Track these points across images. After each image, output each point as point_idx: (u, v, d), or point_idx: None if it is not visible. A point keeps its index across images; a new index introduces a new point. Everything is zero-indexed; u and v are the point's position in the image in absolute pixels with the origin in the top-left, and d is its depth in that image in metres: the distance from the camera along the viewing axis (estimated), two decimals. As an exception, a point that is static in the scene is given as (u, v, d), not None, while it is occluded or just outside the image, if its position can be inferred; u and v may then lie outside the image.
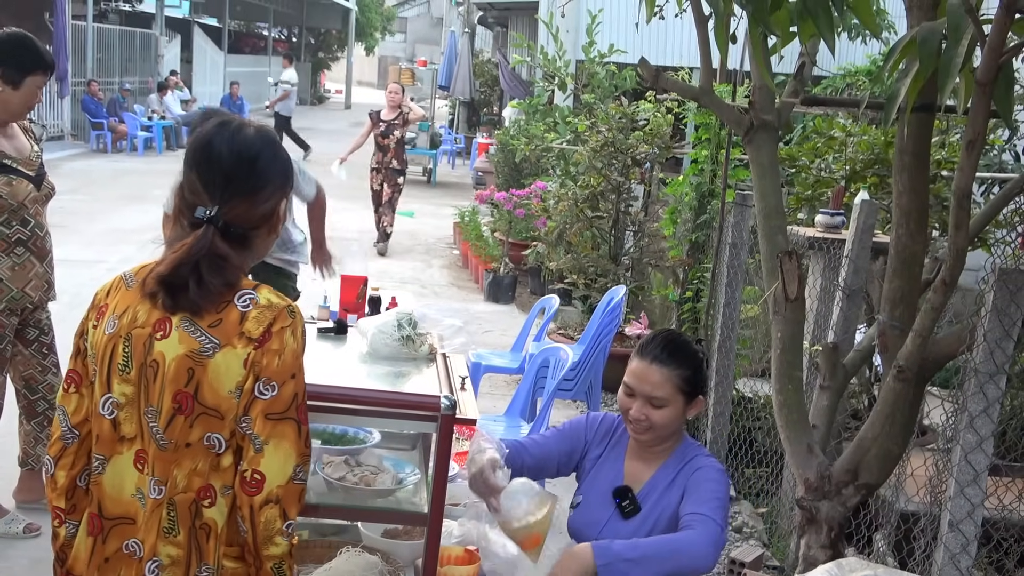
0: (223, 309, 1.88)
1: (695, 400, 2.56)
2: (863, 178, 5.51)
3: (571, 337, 6.87)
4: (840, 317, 4.15)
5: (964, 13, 2.26)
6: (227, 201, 1.91)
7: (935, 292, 2.72)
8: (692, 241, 6.33)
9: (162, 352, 1.87)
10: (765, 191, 3.35)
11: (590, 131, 7.79)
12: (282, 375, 1.87)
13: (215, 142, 1.94)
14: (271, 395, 1.86)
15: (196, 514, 1.91)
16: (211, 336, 1.86)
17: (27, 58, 3.83)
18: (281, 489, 1.86)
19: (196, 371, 1.85)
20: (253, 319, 1.87)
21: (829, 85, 9.46)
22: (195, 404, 1.86)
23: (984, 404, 2.98)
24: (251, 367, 1.86)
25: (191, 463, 1.89)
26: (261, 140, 1.98)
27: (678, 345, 2.58)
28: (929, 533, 3.28)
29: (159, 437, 1.89)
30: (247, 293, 1.90)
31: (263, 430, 1.86)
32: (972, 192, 4.56)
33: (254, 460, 1.86)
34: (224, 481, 1.91)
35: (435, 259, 11.29)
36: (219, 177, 1.91)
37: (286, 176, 2.00)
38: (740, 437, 5.28)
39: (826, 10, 2.37)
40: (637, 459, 2.62)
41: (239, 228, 1.92)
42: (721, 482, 2.52)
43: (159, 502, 1.90)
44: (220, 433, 1.88)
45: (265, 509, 1.86)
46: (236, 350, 1.86)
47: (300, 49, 38.36)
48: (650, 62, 3.36)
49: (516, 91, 16.40)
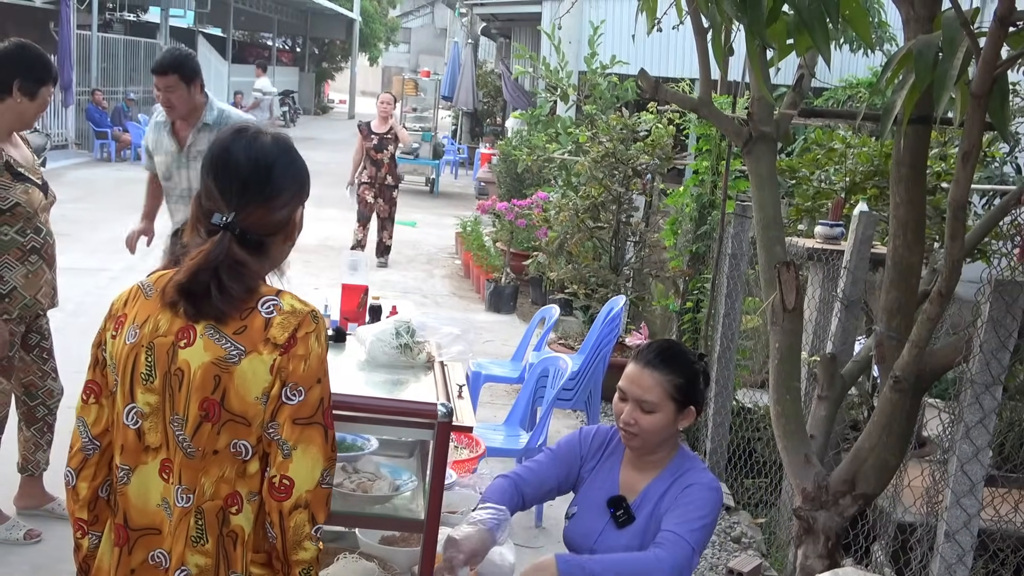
0: (247, 316, 1.88)
1: (687, 410, 2.54)
2: (863, 190, 5.53)
3: (571, 347, 6.88)
4: (838, 328, 4.16)
5: (959, 26, 2.28)
6: (243, 208, 1.91)
7: (931, 303, 2.74)
8: (693, 252, 6.35)
9: (187, 360, 1.87)
10: (764, 202, 3.37)
11: (591, 142, 7.82)
12: (308, 380, 1.88)
13: (232, 149, 1.94)
14: (298, 400, 1.87)
15: (224, 522, 1.91)
16: (236, 343, 1.86)
17: (42, 70, 3.90)
18: (310, 494, 1.87)
19: (223, 378, 1.86)
20: (278, 325, 1.88)
21: (831, 97, 9.49)
22: (222, 411, 1.86)
23: (980, 415, 2.99)
24: (277, 373, 1.86)
25: (218, 470, 1.89)
26: (278, 147, 1.98)
27: (674, 353, 2.58)
28: (926, 543, 3.29)
29: (186, 445, 1.88)
30: (271, 299, 1.90)
31: (291, 435, 1.86)
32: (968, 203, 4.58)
33: (283, 465, 1.86)
34: (250, 488, 1.91)
35: (437, 269, 11.31)
36: (236, 184, 1.92)
37: (302, 184, 2.01)
38: (740, 448, 5.29)
39: (822, 23, 2.39)
40: (632, 468, 2.61)
41: (255, 235, 1.92)
42: (709, 501, 2.49)
43: (187, 510, 1.90)
44: (247, 440, 1.88)
45: (295, 514, 1.86)
46: (262, 356, 1.86)
47: (304, 59, 38.46)
48: (651, 73, 3.38)
49: (519, 102, 16.44)
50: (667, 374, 2.51)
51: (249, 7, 30.12)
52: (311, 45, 39.11)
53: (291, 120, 30.67)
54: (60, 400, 4.29)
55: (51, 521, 4.25)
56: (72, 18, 17.28)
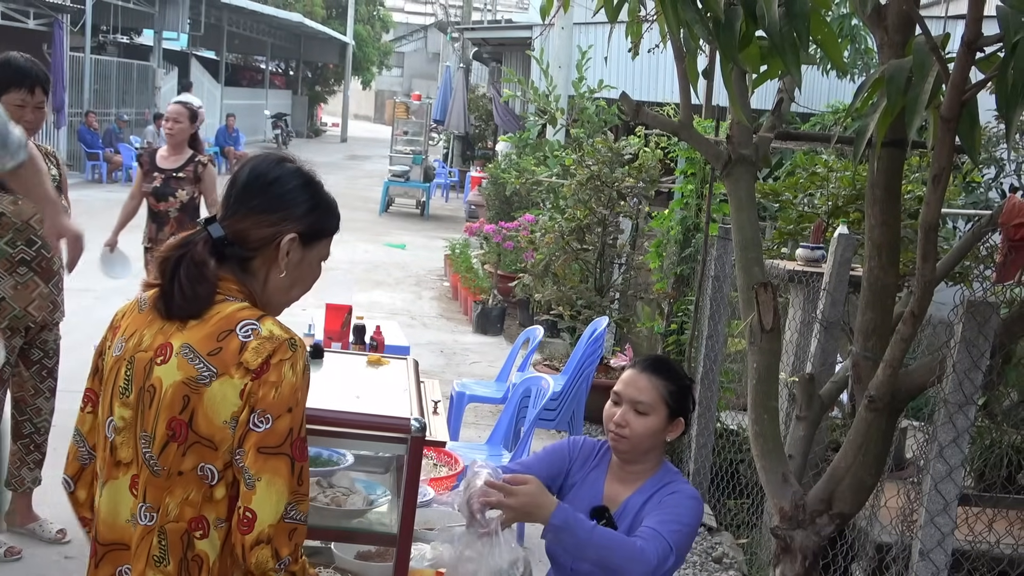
0: (224, 338, 1.83)
1: (676, 421, 2.58)
2: (845, 213, 5.58)
3: (556, 368, 6.90)
4: (818, 349, 4.19)
5: (929, 51, 2.33)
6: (233, 214, 1.91)
7: (904, 323, 2.77)
8: (677, 274, 6.39)
9: (160, 377, 1.85)
10: (742, 223, 3.40)
11: (577, 165, 7.87)
12: (278, 408, 1.81)
13: (246, 164, 1.96)
14: (265, 428, 1.80)
15: (188, 545, 1.86)
16: (209, 364, 1.82)
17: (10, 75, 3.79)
18: (272, 528, 1.80)
19: (192, 399, 1.82)
20: (253, 349, 1.82)
21: (818, 122, 9.57)
22: (189, 432, 1.83)
23: (954, 434, 3.02)
24: (247, 398, 1.81)
25: (183, 492, 1.85)
26: (291, 171, 1.96)
27: (669, 364, 2.68)
28: (902, 562, 3.31)
29: (152, 463, 1.86)
30: (250, 323, 1.85)
31: (254, 464, 1.80)
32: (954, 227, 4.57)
33: (246, 496, 1.81)
34: (218, 514, 1.86)
35: (425, 291, 11.33)
36: (235, 190, 1.93)
37: (303, 216, 1.94)
38: (723, 469, 5.31)
39: (793, 47, 2.43)
40: (616, 480, 2.64)
41: (237, 247, 1.90)
42: (691, 508, 2.52)
43: (150, 529, 1.86)
44: (213, 464, 1.84)
45: (256, 550, 1.80)
46: (233, 380, 1.81)
47: (297, 82, 38.59)
48: (636, 98, 3.43)
49: (509, 125, 16.52)
50: (663, 379, 2.57)
51: (243, 30, 30.26)
52: (304, 68, 39.25)
53: (284, 143, 30.75)
54: (50, 419, 4.28)
55: (34, 541, 4.24)
56: (65, 40, 17.35)
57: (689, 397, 2.64)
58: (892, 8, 2.82)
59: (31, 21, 16.93)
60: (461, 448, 4.47)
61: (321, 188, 1.99)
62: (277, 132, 30.79)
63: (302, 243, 1.94)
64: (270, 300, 1.97)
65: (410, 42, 51.83)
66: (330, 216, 2.00)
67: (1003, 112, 2.21)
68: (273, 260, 1.92)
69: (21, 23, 16.74)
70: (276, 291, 1.96)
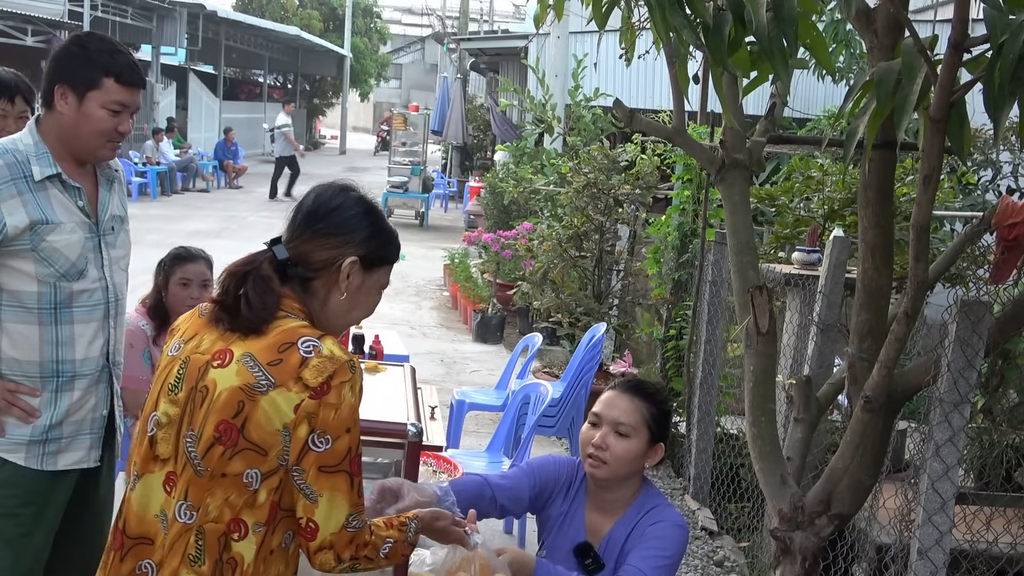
0: (285, 350, 1.90)
1: (656, 446, 2.54)
2: (841, 216, 5.61)
3: (556, 375, 6.92)
4: (815, 351, 4.21)
5: (917, 53, 2.35)
6: (299, 235, 1.99)
7: (898, 324, 2.79)
8: (675, 280, 6.42)
9: (214, 380, 1.91)
10: (737, 227, 3.42)
11: (574, 172, 7.90)
12: (337, 429, 1.90)
13: (312, 191, 2.05)
14: (325, 448, 1.89)
15: (225, 546, 1.91)
16: (268, 374, 1.88)
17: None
18: (334, 536, 1.91)
19: (247, 405, 1.88)
20: (313, 367, 1.89)
21: (814, 127, 9.60)
22: (240, 438, 1.88)
23: (949, 433, 3.03)
24: (306, 416, 1.88)
25: (224, 493, 1.90)
26: (354, 199, 2.05)
27: (651, 386, 2.64)
28: (900, 562, 3.32)
29: (196, 463, 1.91)
30: (311, 340, 1.91)
31: (316, 482, 1.89)
32: (934, 225, 4.57)
33: (308, 509, 1.91)
34: (257, 518, 1.92)
35: (425, 300, 11.36)
36: (301, 213, 2.02)
37: (365, 241, 2.02)
38: (724, 473, 5.32)
39: (781, 51, 2.45)
40: (596, 511, 2.58)
41: (300, 268, 1.98)
42: (673, 540, 2.47)
43: (188, 527, 1.91)
44: (259, 468, 1.90)
45: (319, 554, 1.93)
46: (290, 393, 1.87)
47: (295, 95, 38.67)
48: (633, 105, 3.46)
49: (506, 134, 16.56)
50: (646, 402, 2.54)
51: (240, 44, 30.33)
52: (302, 81, 39.32)
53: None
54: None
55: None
56: (63, 56, 17.38)
57: (669, 424, 2.61)
58: (881, 11, 2.85)
59: (29, 38, 17.00)
60: (461, 456, 4.49)
61: (382, 216, 2.09)
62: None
63: (362, 268, 2.02)
64: (329, 321, 2.04)
65: (407, 54, 51.97)
66: (390, 244, 2.09)
67: (991, 112, 2.23)
68: (334, 282, 2.00)
69: (19, 40, 16.81)
70: (336, 313, 2.04)
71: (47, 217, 2.63)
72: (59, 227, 2.65)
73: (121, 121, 2.69)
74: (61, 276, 2.66)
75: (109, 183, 2.84)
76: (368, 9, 40.64)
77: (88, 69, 2.65)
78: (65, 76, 2.66)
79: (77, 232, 2.69)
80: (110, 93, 2.66)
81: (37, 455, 2.69)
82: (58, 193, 2.67)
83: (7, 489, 2.68)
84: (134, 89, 2.72)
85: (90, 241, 2.73)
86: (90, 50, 2.67)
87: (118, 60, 2.68)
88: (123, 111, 2.70)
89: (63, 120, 2.68)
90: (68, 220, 2.68)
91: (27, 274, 2.63)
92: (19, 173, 2.61)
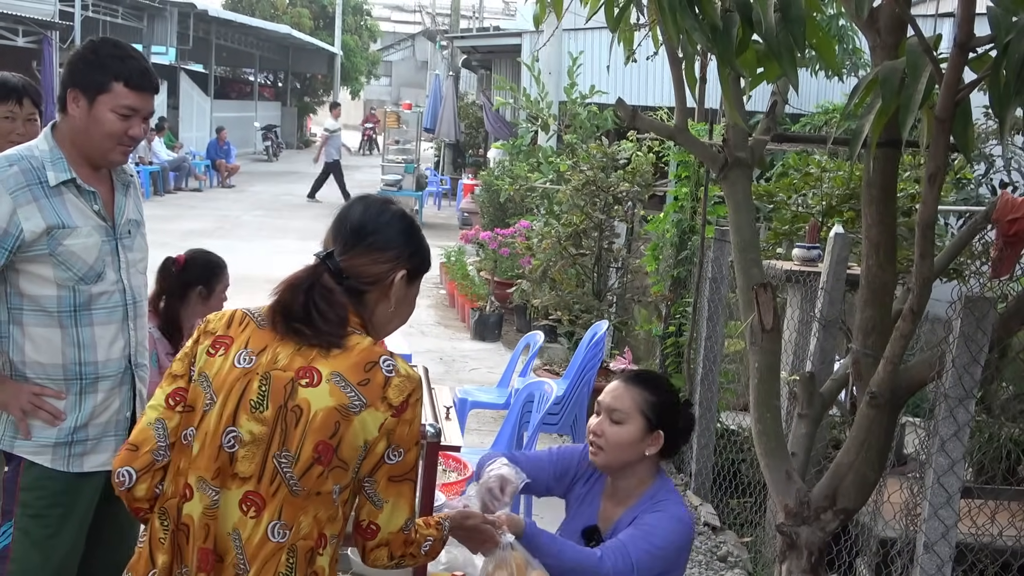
0: (371, 370, 1.95)
1: (655, 433, 2.55)
2: (839, 213, 5.64)
3: (556, 373, 6.94)
4: (817, 348, 4.24)
5: (922, 53, 2.38)
6: (349, 249, 2.02)
7: (904, 320, 2.82)
8: (674, 277, 6.44)
9: (307, 399, 1.92)
10: (740, 225, 3.45)
11: (572, 170, 7.92)
12: (409, 443, 1.99)
13: (355, 205, 2.09)
14: (397, 460, 1.98)
15: (310, 561, 1.96)
16: (360, 394, 1.93)
17: None
18: (391, 535, 2.01)
19: (342, 425, 1.92)
20: (396, 387, 1.96)
21: (808, 123, 9.64)
22: (334, 457, 1.93)
23: (955, 428, 3.06)
24: (385, 433, 1.95)
25: (314, 510, 1.95)
26: (400, 214, 2.10)
27: (651, 376, 2.69)
28: (906, 556, 3.36)
29: (292, 482, 1.93)
30: (389, 359, 1.98)
31: (385, 490, 1.99)
32: (946, 223, 4.62)
33: (372, 513, 2.00)
34: (334, 530, 1.99)
35: (422, 299, 11.34)
36: (348, 227, 2.04)
37: (412, 249, 2.09)
38: (725, 469, 5.36)
39: (789, 51, 2.48)
40: (610, 499, 2.63)
41: (354, 280, 2.01)
42: (669, 530, 2.47)
43: (281, 546, 1.93)
44: (342, 483, 1.96)
45: (374, 552, 2.03)
46: (377, 412, 1.94)
47: (286, 94, 38.59)
48: (629, 102, 3.47)
49: (500, 132, 16.57)
50: (642, 390, 2.57)
51: (231, 43, 30.28)
52: (293, 80, 39.26)
53: (274, 154, 30.76)
54: None
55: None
56: (55, 57, 17.35)
57: (675, 412, 2.61)
58: (884, 11, 2.87)
59: (20, 39, 16.94)
60: (465, 454, 4.50)
61: (420, 230, 2.16)
62: (267, 144, 30.80)
63: (408, 280, 2.09)
64: (376, 332, 2.09)
65: (397, 51, 51.92)
66: (428, 256, 2.16)
67: (996, 111, 2.26)
68: (384, 295, 2.06)
69: (10, 41, 16.75)
70: (381, 324, 2.10)
71: (63, 221, 2.65)
72: (75, 231, 2.68)
73: (132, 125, 2.72)
74: (79, 279, 2.68)
75: (125, 187, 2.87)
76: (358, 7, 40.58)
77: (98, 73, 2.68)
78: (77, 80, 2.70)
79: (94, 236, 2.72)
80: (119, 97, 2.69)
81: (63, 457, 2.72)
82: (73, 198, 2.70)
83: (35, 491, 2.71)
84: (145, 94, 2.74)
85: (107, 244, 2.75)
86: (101, 55, 2.70)
87: (129, 65, 2.71)
88: (133, 115, 2.72)
89: (75, 124, 2.71)
90: (84, 224, 2.70)
91: (46, 278, 2.65)
92: (35, 179, 2.64)
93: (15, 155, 2.68)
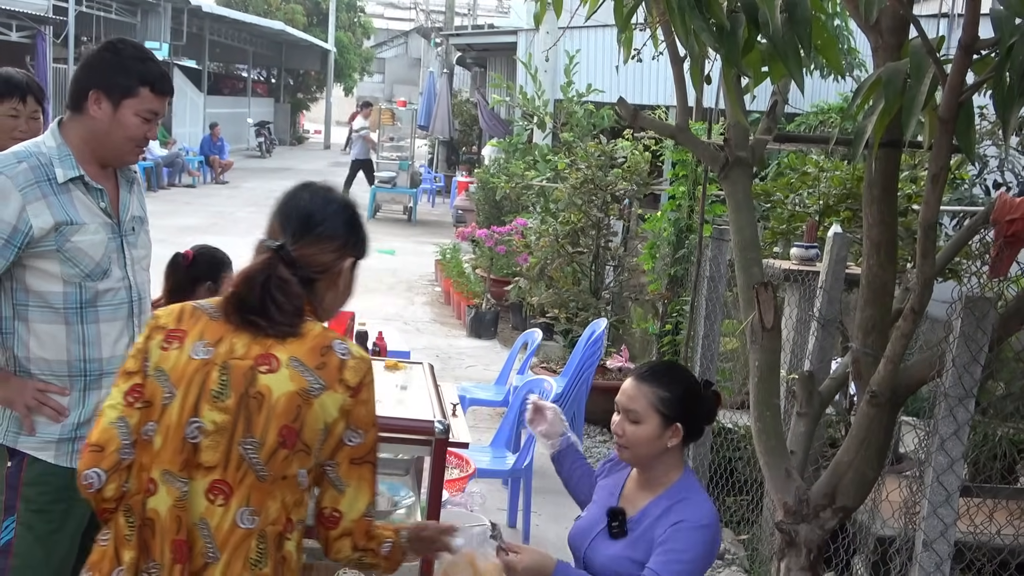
0: (326, 354, 1.99)
1: (673, 426, 2.57)
2: (836, 212, 5.66)
3: (554, 370, 6.96)
4: (816, 346, 4.26)
5: (926, 54, 2.40)
6: (300, 239, 2.03)
7: (904, 320, 2.84)
8: (671, 275, 6.46)
9: (268, 386, 1.95)
10: (741, 225, 3.46)
11: (570, 169, 7.93)
12: (367, 423, 2.03)
13: (300, 193, 2.10)
14: (357, 442, 2.02)
15: (279, 546, 1.99)
16: (318, 377, 1.97)
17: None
18: (354, 523, 2.04)
19: (303, 409, 1.95)
20: (351, 368, 2.00)
21: (803, 122, 9.66)
22: (297, 440, 1.95)
23: (954, 427, 3.09)
24: (344, 414, 1.99)
25: (281, 495, 1.98)
26: (344, 202, 2.13)
27: (666, 369, 2.68)
28: (904, 554, 3.38)
29: (259, 468, 1.95)
30: (341, 343, 2.03)
31: (347, 473, 2.02)
32: (938, 223, 4.66)
33: (335, 499, 2.03)
34: (300, 516, 2.03)
35: (417, 296, 11.37)
36: (296, 217, 2.06)
37: (356, 244, 2.12)
38: (721, 467, 5.37)
39: (795, 52, 2.49)
40: (636, 484, 2.67)
41: (304, 268, 2.03)
42: (696, 541, 2.49)
43: (250, 532, 1.95)
44: (306, 467, 1.99)
45: (338, 542, 2.05)
46: (336, 394, 1.98)
47: (279, 90, 38.53)
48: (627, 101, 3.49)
49: (495, 130, 16.58)
50: (654, 387, 2.58)
51: (224, 39, 30.21)
52: (286, 76, 39.20)
53: (267, 151, 30.70)
54: None
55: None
56: (48, 52, 17.31)
57: (691, 401, 2.62)
58: (887, 12, 2.89)
59: (13, 33, 16.89)
60: (465, 450, 4.52)
61: (361, 218, 2.18)
62: (260, 140, 30.74)
63: (352, 266, 2.13)
64: (323, 316, 2.12)
65: (391, 48, 51.85)
66: (368, 242, 2.19)
67: (1000, 113, 2.28)
68: (333, 282, 2.09)
69: (3, 35, 16.71)
70: (327, 309, 2.14)
71: (71, 218, 2.66)
72: (83, 228, 2.68)
73: (151, 128, 2.74)
74: (86, 276, 2.69)
75: (129, 184, 2.88)
76: (352, 3, 40.54)
77: (124, 76, 2.68)
78: (99, 82, 2.69)
79: (100, 233, 2.72)
80: (145, 102, 2.70)
81: (67, 452, 2.73)
82: (81, 195, 2.70)
83: (38, 487, 2.71)
84: (165, 97, 2.77)
85: (113, 241, 2.76)
86: (124, 57, 2.70)
87: (152, 69, 2.73)
88: (153, 119, 2.74)
89: (95, 125, 2.70)
90: (91, 221, 2.71)
91: (53, 275, 2.66)
92: (43, 176, 2.64)
93: (23, 151, 2.67)
